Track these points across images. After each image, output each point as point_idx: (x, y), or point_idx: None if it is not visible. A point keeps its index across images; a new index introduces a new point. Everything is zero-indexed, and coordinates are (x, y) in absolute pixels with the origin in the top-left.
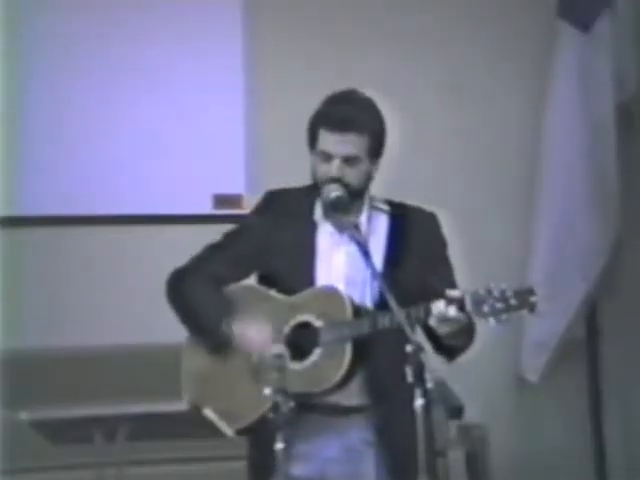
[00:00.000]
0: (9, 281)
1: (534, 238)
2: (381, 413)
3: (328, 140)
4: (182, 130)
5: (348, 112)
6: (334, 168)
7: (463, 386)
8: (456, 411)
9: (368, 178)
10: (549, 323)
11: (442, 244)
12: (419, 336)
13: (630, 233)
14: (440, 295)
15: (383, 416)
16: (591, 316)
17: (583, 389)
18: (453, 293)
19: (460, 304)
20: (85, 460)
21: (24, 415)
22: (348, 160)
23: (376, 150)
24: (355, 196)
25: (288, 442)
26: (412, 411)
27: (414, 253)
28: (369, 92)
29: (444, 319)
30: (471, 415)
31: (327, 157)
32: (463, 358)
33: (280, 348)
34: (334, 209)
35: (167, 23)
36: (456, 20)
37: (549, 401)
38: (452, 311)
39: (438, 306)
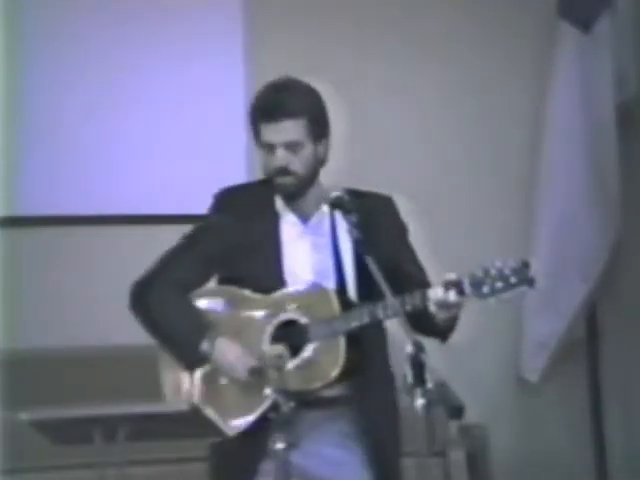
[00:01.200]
0: (9, 281)
1: (534, 239)
2: (363, 406)
3: (267, 131)
4: (183, 130)
5: (279, 99)
6: (278, 157)
7: (463, 386)
8: (457, 411)
9: (315, 162)
10: (549, 323)
11: (402, 227)
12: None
13: (630, 233)
14: (418, 281)
15: (364, 409)
16: (591, 316)
17: (583, 389)
18: (450, 277)
19: (458, 288)
20: (85, 460)
21: (24, 415)
22: (290, 147)
23: (317, 131)
24: (307, 184)
25: (290, 443)
26: (393, 404)
27: (377, 239)
28: (370, 91)
29: (445, 305)
30: (471, 415)
31: (270, 148)
32: (463, 358)
33: (280, 348)
34: (336, 208)
35: (167, 23)
36: (456, 20)
37: (549, 401)
38: (452, 296)
39: (436, 292)
